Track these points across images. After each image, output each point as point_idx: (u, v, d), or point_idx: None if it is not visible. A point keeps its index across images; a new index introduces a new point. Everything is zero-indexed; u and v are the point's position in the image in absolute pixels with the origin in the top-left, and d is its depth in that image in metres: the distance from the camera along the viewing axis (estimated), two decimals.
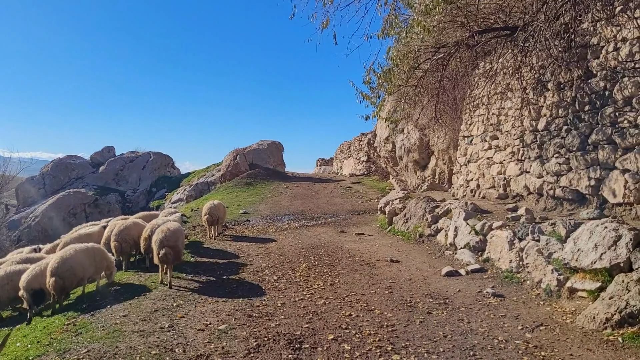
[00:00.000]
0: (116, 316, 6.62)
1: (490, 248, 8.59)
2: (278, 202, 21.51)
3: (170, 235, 8.46)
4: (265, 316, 6.45)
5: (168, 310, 6.84)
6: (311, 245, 11.65)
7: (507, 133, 11.52)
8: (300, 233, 14.00)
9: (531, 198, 10.36)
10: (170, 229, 8.65)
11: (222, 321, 6.28)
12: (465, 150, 13.88)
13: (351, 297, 7.24)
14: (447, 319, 6.13)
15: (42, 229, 35.54)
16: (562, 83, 9.47)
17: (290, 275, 8.82)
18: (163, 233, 8.48)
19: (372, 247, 11.20)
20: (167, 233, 8.47)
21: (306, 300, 7.15)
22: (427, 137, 19.92)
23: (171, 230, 8.62)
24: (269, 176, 28.91)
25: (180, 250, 8.70)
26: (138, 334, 5.82)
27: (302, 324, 6.06)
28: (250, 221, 16.88)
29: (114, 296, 7.80)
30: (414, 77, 10.59)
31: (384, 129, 23.39)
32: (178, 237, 8.65)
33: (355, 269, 9.08)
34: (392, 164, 24.06)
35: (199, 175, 38.96)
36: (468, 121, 13.80)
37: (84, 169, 44.68)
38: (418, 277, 8.33)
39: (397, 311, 6.52)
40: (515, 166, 10.99)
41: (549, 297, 6.61)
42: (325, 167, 42.18)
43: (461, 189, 13.86)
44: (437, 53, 9.94)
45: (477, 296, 7.05)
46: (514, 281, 7.47)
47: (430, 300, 6.98)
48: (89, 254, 8.15)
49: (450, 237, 9.84)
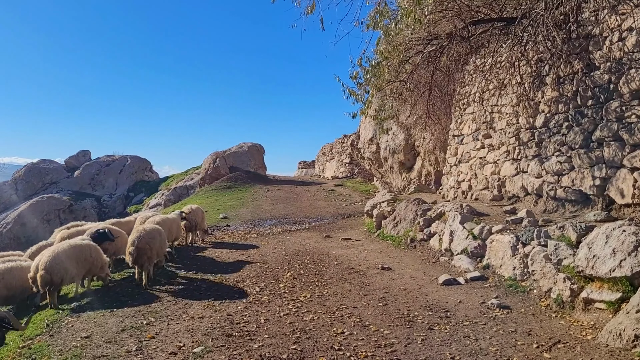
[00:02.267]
0: (77, 337, 5.81)
1: (490, 254, 7.96)
2: (259, 206, 20.73)
3: (144, 235, 8.33)
4: (247, 335, 5.68)
5: (137, 329, 6.03)
6: (295, 252, 10.92)
7: (501, 131, 10.95)
8: (283, 239, 13.25)
9: (529, 199, 9.79)
10: (146, 229, 8.54)
11: (198, 342, 5.50)
12: (456, 150, 13.30)
13: (342, 311, 6.52)
14: (452, 336, 5.45)
15: (14, 236, 34.15)
16: (562, 77, 8.92)
17: (274, 285, 8.06)
18: (137, 233, 8.39)
19: (361, 253, 10.50)
20: (142, 233, 8.36)
21: (292, 315, 6.40)
22: (412, 138, 19.37)
23: (146, 230, 8.50)
24: (249, 179, 28.10)
25: (152, 252, 8.36)
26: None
27: (288, 345, 5.32)
28: (231, 226, 16.08)
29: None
30: (404, 72, 9.95)
31: (369, 130, 22.79)
32: (152, 238, 8.45)
33: (344, 278, 8.36)
34: (377, 166, 23.48)
35: (177, 179, 37.95)
36: (458, 119, 13.23)
37: (58, 173, 43.17)
38: (413, 286, 7.64)
39: (394, 327, 5.82)
40: (511, 166, 10.42)
41: (561, 309, 5.98)
42: (307, 170, 41.50)
43: (451, 191, 13.27)
44: (429, 46, 9.32)
45: (481, 308, 6.39)
46: (520, 290, 6.84)
47: (430, 313, 6.29)
48: (83, 251, 7.84)
49: (446, 242, 9.19)
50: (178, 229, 11.49)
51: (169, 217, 11.37)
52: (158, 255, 8.72)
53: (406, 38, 9.24)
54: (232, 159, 30.62)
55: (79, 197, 39.74)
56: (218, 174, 29.14)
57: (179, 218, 11.71)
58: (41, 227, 34.14)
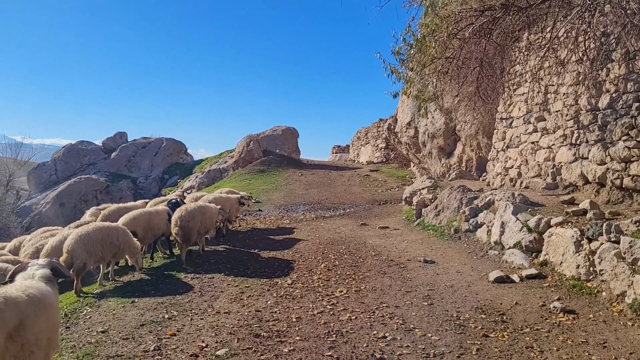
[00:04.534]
0: (93, 332, 5.35)
1: (548, 249, 7.12)
2: (293, 190, 20.16)
3: (185, 215, 8.71)
4: (277, 336, 5.09)
5: (157, 324, 5.53)
6: (330, 241, 10.29)
7: (557, 113, 9.96)
8: (317, 225, 12.64)
9: (589, 189, 8.84)
10: (187, 209, 8.95)
11: (222, 343, 4.93)
12: (504, 134, 12.33)
13: (382, 310, 5.85)
14: (512, 346, 4.71)
15: (53, 216, 34.70)
16: (632, 52, 7.90)
17: (306, 278, 7.46)
18: (180, 212, 8.78)
19: (400, 243, 9.78)
20: (183, 213, 8.74)
21: (327, 314, 5.78)
22: (453, 122, 18.36)
23: (188, 210, 8.91)
24: (283, 163, 27.56)
25: (192, 231, 8.75)
26: None
27: (323, 350, 4.69)
28: (263, 211, 15.58)
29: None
30: (452, 47, 9.07)
31: (407, 113, 21.84)
32: (193, 217, 8.81)
33: (383, 271, 7.68)
34: (414, 151, 22.54)
35: (211, 162, 37.78)
36: (507, 101, 12.23)
37: (96, 154, 43.69)
38: (461, 283, 6.90)
39: (443, 332, 5.12)
40: (569, 151, 9.44)
41: (638, 316, 5.16)
42: (341, 155, 40.72)
43: (498, 178, 12.34)
44: (481, 17, 8.41)
45: (541, 311, 5.62)
46: (585, 292, 6.01)
47: (483, 316, 5.56)
48: (109, 234, 7.47)
49: (495, 234, 8.37)
50: (233, 210, 12.07)
51: (222, 196, 12.06)
52: (206, 231, 9.46)
53: (455, 9, 8.35)
54: (266, 143, 30.12)
55: (116, 178, 40.13)
56: (251, 158, 28.71)
57: (235, 199, 12.23)
58: (79, 207, 34.62)
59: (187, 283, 7.32)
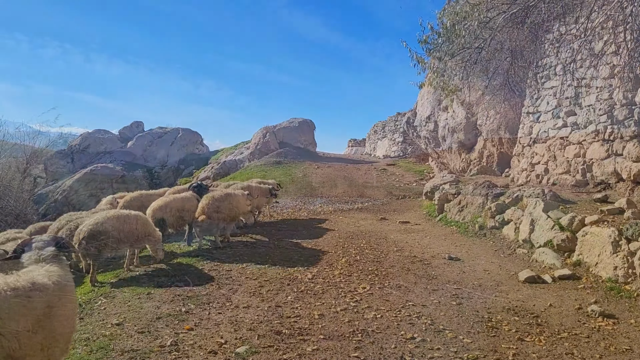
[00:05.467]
0: (108, 324, 5.14)
1: (582, 249, 6.78)
2: (309, 183, 19.92)
3: (212, 202, 8.84)
4: (299, 334, 4.84)
5: (174, 317, 5.31)
6: (350, 234, 10.03)
7: (589, 108, 9.56)
8: (335, 219, 12.39)
9: (622, 186, 8.46)
10: (214, 196, 9.08)
11: (242, 339, 4.70)
12: (530, 129, 11.93)
13: (409, 309, 5.58)
14: (550, 352, 4.42)
15: (68, 204, 34.87)
16: None
17: (327, 272, 7.21)
18: (207, 200, 8.93)
19: (423, 239, 9.49)
20: (210, 201, 8.90)
21: (351, 311, 5.53)
22: (474, 116, 17.94)
23: (214, 197, 9.05)
24: (299, 155, 27.31)
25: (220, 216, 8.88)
26: (128, 357, 4.31)
27: (349, 351, 4.43)
28: (279, 203, 15.35)
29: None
30: (481, 37, 8.71)
31: (426, 107, 21.44)
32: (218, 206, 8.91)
33: (407, 268, 7.40)
34: (434, 145, 22.15)
35: (227, 153, 37.66)
36: (534, 95, 11.82)
37: (112, 143, 43.76)
38: (489, 282, 6.60)
39: (475, 334, 4.83)
40: (601, 147, 9.06)
41: None
42: (357, 148, 40.36)
43: (523, 174, 11.96)
44: (514, 5, 8.04)
45: (578, 315, 5.31)
46: (624, 295, 5.69)
47: (516, 318, 5.26)
48: (128, 221, 7.27)
49: (524, 232, 8.04)
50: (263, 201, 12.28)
51: (251, 185, 12.10)
52: (234, 218, 9.62)
53: None
54: (282, 134, 29.90)
55: (132, 167, 40.17)
56: (267, 149, 28.51)
57: (266, 188, 12.35)
58: (95, 195, 34.73)
59: (204, 274, 7.11)
